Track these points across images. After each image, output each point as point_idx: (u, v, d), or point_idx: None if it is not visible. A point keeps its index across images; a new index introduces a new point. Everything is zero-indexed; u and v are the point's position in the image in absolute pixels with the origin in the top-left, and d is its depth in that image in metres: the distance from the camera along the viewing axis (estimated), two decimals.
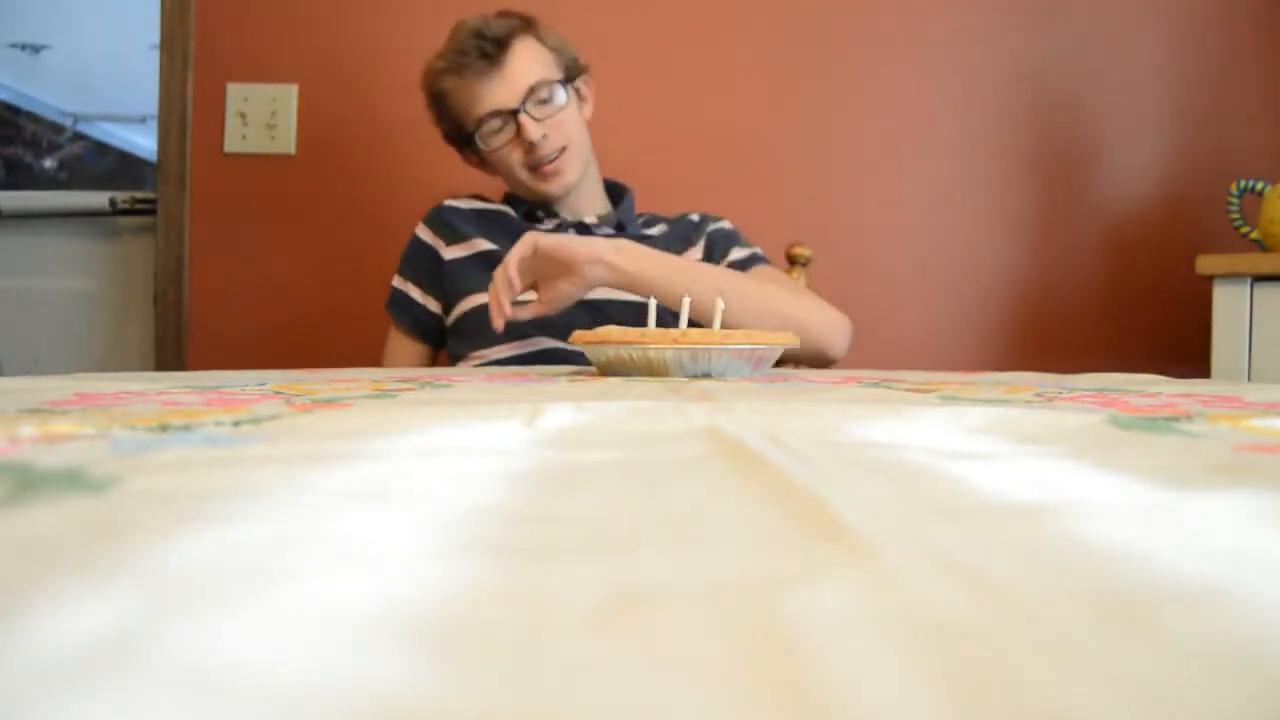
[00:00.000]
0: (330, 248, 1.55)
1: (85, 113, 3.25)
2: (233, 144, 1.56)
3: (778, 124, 1.19)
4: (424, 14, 1.55)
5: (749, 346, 0.69)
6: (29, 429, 0.30)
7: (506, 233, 1.16)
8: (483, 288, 1.11)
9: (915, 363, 1.14)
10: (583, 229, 1.17)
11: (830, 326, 1.06)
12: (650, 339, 0.68)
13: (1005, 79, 1.52)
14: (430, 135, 1.19)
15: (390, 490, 0.23)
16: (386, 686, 0.11)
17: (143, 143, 3.30)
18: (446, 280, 1.19)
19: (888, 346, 1.45)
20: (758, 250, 1.22)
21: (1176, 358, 1.44)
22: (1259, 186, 1.29)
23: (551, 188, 1.13)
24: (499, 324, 0.90)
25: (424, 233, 1.22)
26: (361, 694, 0.10)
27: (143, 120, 3.17)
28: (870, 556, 0.16)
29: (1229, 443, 0.31)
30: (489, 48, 1.08)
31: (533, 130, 1.08)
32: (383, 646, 0.12)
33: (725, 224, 1.24)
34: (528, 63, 1.10)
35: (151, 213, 1.61)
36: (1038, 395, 0.51)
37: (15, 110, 3.11)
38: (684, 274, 0.95)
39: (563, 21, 1.19)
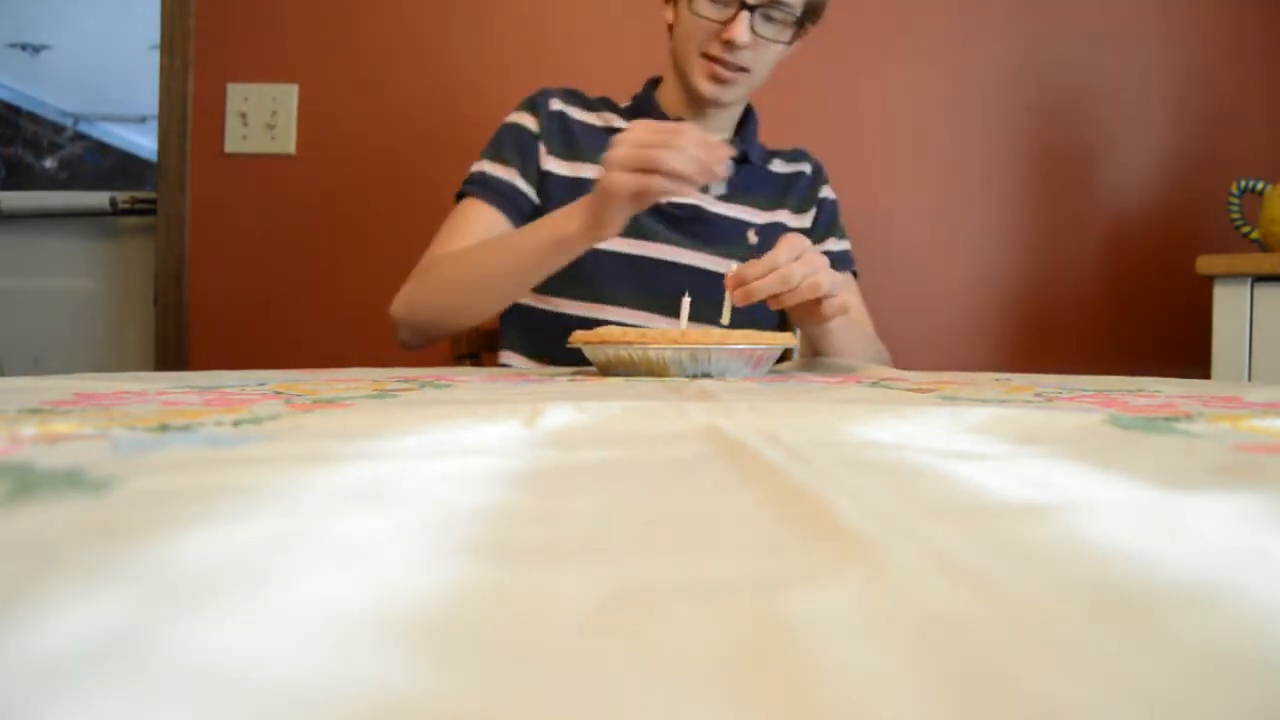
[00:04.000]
0: (330, 248, 1.55)
1: (85, 113, 3.25)
2: (233, 144, 1.56)
3: (776, 125, 1.19)
4: (424, 14, 1.55)
5: (749, 346, 0.69)
6: (29, 429, 0.30)
7: None
8: None
9: (916, 362, 1.14)
10: None
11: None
12: (650, 339, 0.68)
13: (1005, 79, 1.52)
14: (430, 135, 1.19)
15: (390, 490, 0.23)
16: (386, 686, 0.11)
17: (143, 143, 3.31)
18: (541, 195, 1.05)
19: (888, 346, 1.45)
20: (849, 249, 1.17)
21: (1176, 358, 1.44)
22: (1259, 186, 1.29)
23: (706, 89, 1.02)
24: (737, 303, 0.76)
25: (525, 119, 1.08)
26: (361, 694, 0.10)
27: (143, 120, 3.17)
28: (870, 556, 0.16)
29: (1229, 443, 0.31)
30: None
31: (743, 33, 0.97)
32: (382, 646, 0.12)
33: (832, 193, 1.19)
34: None
35: (151, 213, 1.61)
36: (1038, 395, 0.51)
37: (15, 110, 3.11)
38: (845, 335, 0.98)
39: (557, 17, 1.19)
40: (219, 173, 1.56)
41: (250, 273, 1.57)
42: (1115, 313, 1.51)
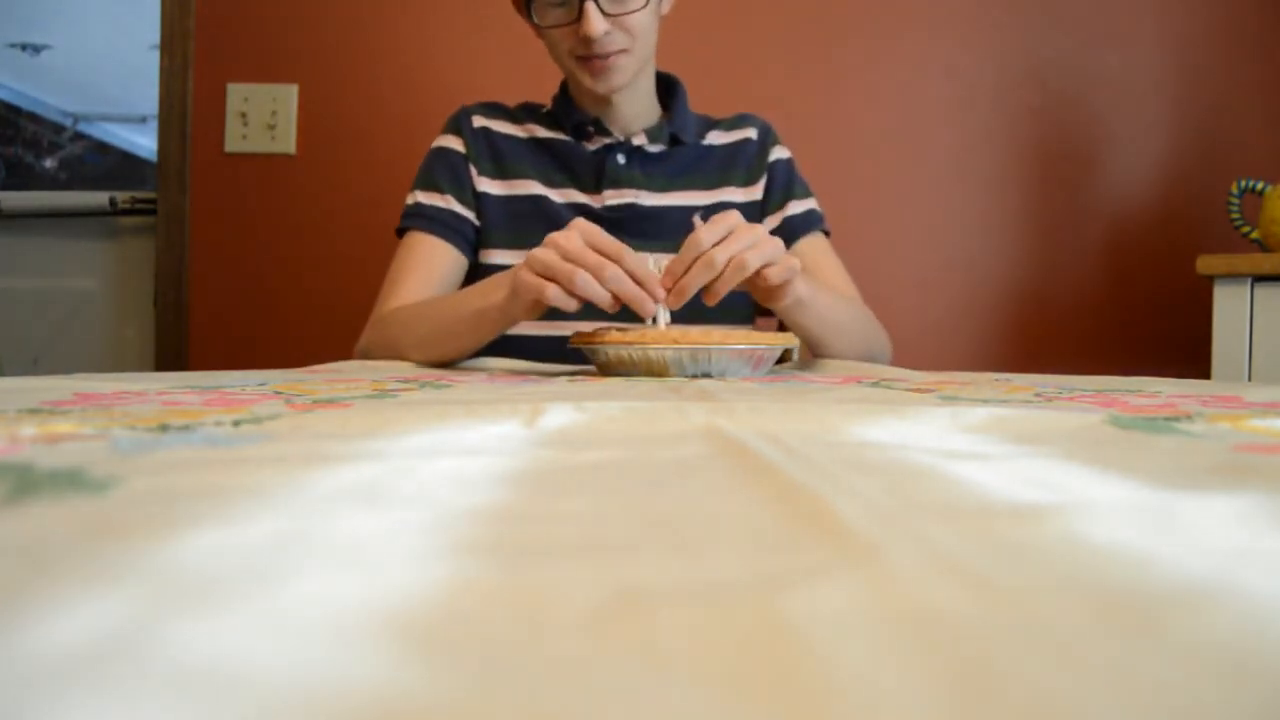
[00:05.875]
0: (330, 248, 1.55)
1: (85, 113, 3.25)
2: (233, 144, 1.56)
3: (776, 124, 1.20)
4: (425, 14, 1.55)
5: (749, 346, 0.69)
6: (29, 429, 0.30)
7: (563, 168, 1.06)
8: (527, 242, 0.96)
9: (915, 363, 1.15)
10: (633, 152, 1.06)
11: (887, 352, 1.04)
12: (650, 339, 0.68)
13: (1006, 79, 1.52)
14: (430, 135, 1.19)
15: (390, 490, 0.23)
16: (385, 686, 0.11)
17: (143, 143, 3.31)
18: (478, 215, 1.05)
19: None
20: (815, 207, 1.11)
21: (1176, 358, 1.44)
22: (1259, 186, 1.29)
23: (597, 86, 0.99)
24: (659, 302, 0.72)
25: (451, 142, 1.08)
26: (360, 693, 0.10)
27: (143, 120, 3.17)
28: (870, 556, 0.16)
29: (1229, 443, 0.31)
30: None
31: (596, 25, 0.93)
32: (382, 646, 0.12)
33: (784, 152, 1.14)
34: None
35: (151, 213, 1.61)
36: (1037, 395, 0.51)
37: (15, 110, 3.11)
38: (822, 304, 0.90)
39: None
40: (219, 173, 1.56)
41: (250, 273, 1.57)
42: (1115, 313, 1.51)
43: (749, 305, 1.11)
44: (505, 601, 0.14)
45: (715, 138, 1.12)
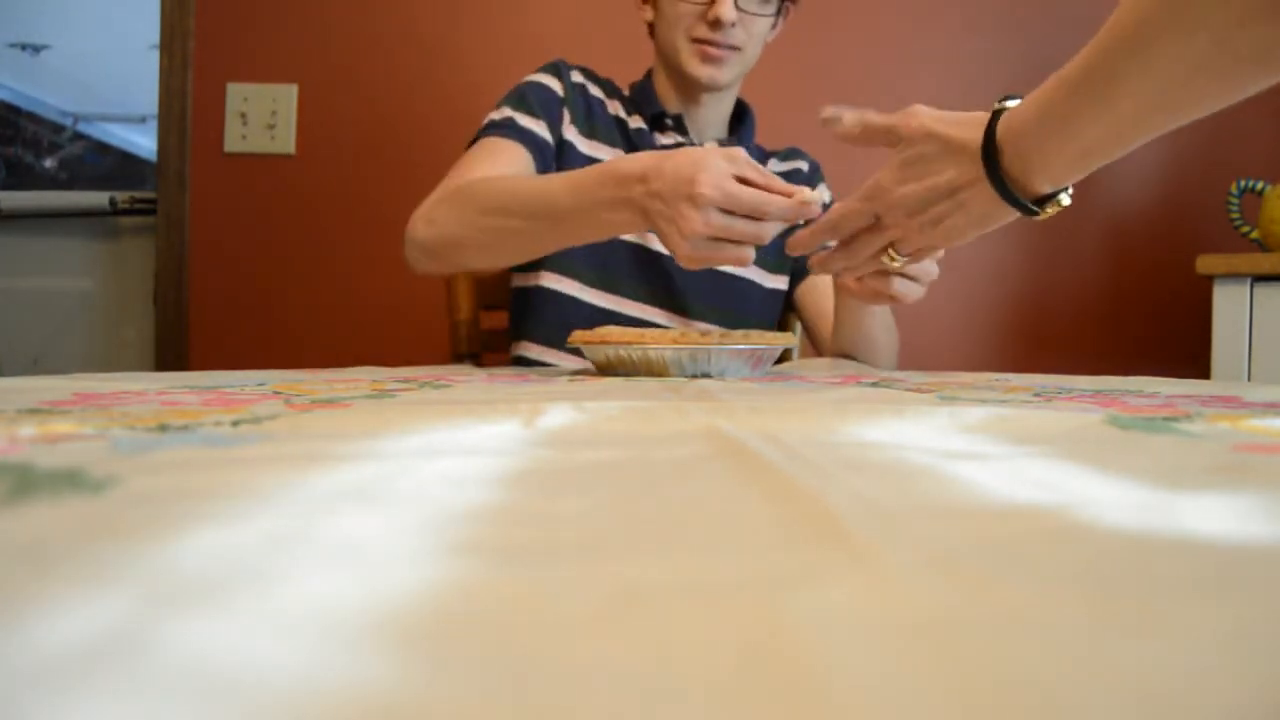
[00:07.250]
0: (330, 248, 1.55)
1: (85, 113, 3.25)
2: (233, 144, 1.56)
3: (776, 122, 1.20)
4: (425, 14, 1.55)
5: (749, 347, 0.69)
6: (29, 429, 0.30)
7: (630, 149, 1.06)
8: None
9: (915, 363, 1.14)
10: None
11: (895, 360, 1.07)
12: (650, 339, 0.68)
13: (1005, 78, 1.52)
14: (430, 135, 1.19)
15: (388, 490, 0.23)
16: (384, 687, 0.11)
17: (143, 143, 3.30)
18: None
19: None
20: None
21: (1176, 358, 1.44)
22: (1259, 186, 1.29)
23: (701, 73, 1.01)
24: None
25: (550, 80, 1.06)
26: (360, 694, 0.10)
27: (143, 120, 3.17)
28: (870, 556, 0.16)
29: (1228, 443, 0.31)
30: None
31: (729, 10, 0.96)
32: (381, 647, 0.12)
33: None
34: None
35: (151, 213, 1.61)
36: (1036, 395, 0.51)
37: (15, 110, 3.11)
38: (881, 314, 0.99)
39: (558, 17, 1.18)
40: (219, 173, 1.56)
41: (250, 273, 1.57)
42: (1115, 313, 1.51)
43: (777, 314, 1.14)
44: (504, 601, 0.14)
45: (773, 165, 1.16)
